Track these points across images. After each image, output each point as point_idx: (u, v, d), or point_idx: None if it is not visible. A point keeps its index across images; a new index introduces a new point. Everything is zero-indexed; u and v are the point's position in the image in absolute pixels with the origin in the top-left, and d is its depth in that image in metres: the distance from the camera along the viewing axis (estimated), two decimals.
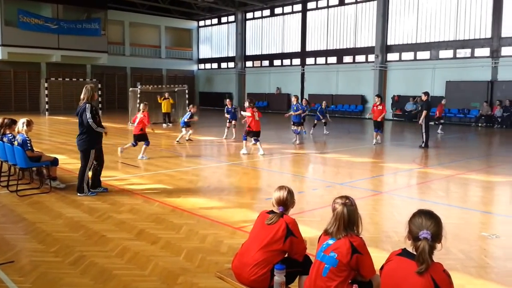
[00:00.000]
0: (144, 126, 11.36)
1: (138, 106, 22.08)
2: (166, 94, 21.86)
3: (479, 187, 8.79)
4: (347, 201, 3.16)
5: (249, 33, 37.81)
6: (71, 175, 9.07)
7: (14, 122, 8.16)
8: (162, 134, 18.20)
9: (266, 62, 36.58)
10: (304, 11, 33.06)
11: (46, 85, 28.11)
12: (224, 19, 39.91)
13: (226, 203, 7.15)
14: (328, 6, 31.46)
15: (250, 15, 37.48)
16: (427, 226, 2.59)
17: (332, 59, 31.59)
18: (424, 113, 14.08)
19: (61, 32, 30.79)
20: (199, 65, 42.90)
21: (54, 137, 16.89)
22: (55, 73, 31.46)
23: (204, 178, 9.45)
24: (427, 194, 8.19)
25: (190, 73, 42.27)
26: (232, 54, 39.12)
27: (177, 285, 4.14)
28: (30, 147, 7.54)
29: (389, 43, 28.16)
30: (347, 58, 30.74)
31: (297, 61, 33.89)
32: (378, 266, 2.90)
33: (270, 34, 36.05)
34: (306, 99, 19.24)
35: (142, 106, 11.71)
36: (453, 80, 24.50)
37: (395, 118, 27.13)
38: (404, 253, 2.68)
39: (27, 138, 7.58)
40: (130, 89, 24.66)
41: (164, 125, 21.06)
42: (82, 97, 7.28)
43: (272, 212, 3.56)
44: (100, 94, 28.06)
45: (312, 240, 4.34)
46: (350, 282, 2.99)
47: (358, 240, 3.07)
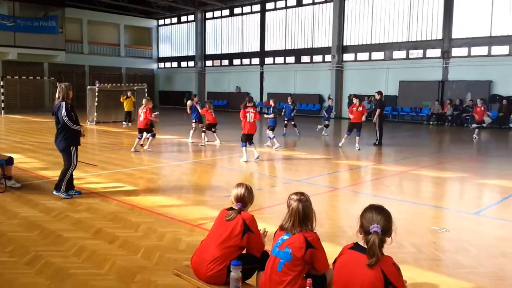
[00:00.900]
0: (147, 120, 12.32)
1: (94, 103, 21.62)
2: (129, 93, 21.38)
3: (430, 183, 9.09)
4: (302, 197, 3.18)
5: (209, 32, 37.60)
6: (27, 175, 8.73)
7: None
8: (122, 132, 17.80)
9: (226, 62, 36.49)
10: (262, 12, 33.20)
11: (2, 83, 26.90)
12: (184, 18, 39.48)
13: (185, 201, 7.07)
14: (286, 7, 31.74)
15: (209, 15, 37.26)
16: (377, 221, 2.64)
17: (290, 59, 31.91)
18: (377, 111, 14.44)
19: (17, 29, 29.74)
20: (159, 64, 42.26)
21: (10, 136, 16.18)
22: (12, 71, 30.22)
23: (163, 176, 9.30)
24: (381, 190, 8.39)
25: (150, 71, 41.57)
26: (192, 53, 38.77)
27: (134, 283, 4.06)
28: None
29: (345, 44, 28.72)
30: (305, 58, 31.15)
31: (256, 60, 34.01)
32: (332, 260, 2.93)
33: (230, 33, 35.98)
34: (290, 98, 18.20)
35: (144, 101, 12.59)
36: (406, 80, 25.29)
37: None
38: (355, 246, 2.72)
39: None
40: (88, 87, 24.02)
41: (124, 123, 20.59)
42: (57, 96, 7.01)
43: (231, 209, 3.55)
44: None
45: (270, 236, 4.35)
46: (304, 276, 3.00)
47: (312, 235, 3.09)
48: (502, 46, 22.41)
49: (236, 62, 35.63)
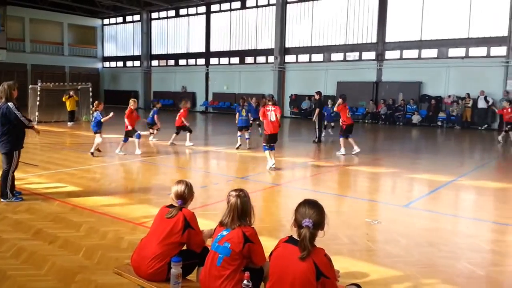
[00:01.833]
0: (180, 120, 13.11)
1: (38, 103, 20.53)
2: (71, 92, 20.48)
3: (365, 178, 9.43)
4: (241, 193, 3.19)
5: (154, 32, 36.83)
6: None
7: None
8: (65, 132, 17.02)
9: (172, 62, 35.90)
10: (208, 13, 33.00)
11: None
12: (129, 18, 38.40)
13: (128, 200, 6.88)
14: (230, 9, 31.72)
15: (155, 15, 36.50)
16: (310, 215, 2.70)
17: (235, 60, 31.95)
18: (317, 111, 14.82)
19: None
20: (104, 63, 40.86)
21: None
22: None
23: (106, 175, 8.99)
24: (320, 185, 8.61)
25: (95, 71, 40.10)
26: (138, 53, 37.79)
27: (74, 283, 3.92)
28: None
29: (287, 46, 29.16)
30: (249, 59, 31.31)
31: (201, 61, 33.75)
32: (269, 253, 2.96)
33: (176, 34, 35.45)
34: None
35: (182, 103, 13.50)
36: (343, 80, 26.07)
37: (293, 116, 28.30)
38: (290, 240, 2.77)
39: None
40: (30, 86, 22.78)
41: (68, 123, 19.71)
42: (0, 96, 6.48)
43: (172, 206, 3.50)
44: None
45: None
46: (242, 269, 3.02)
47: (250, 230, 3.11)
48: (431, 49, 23.65)
49: (182, 62, 35.15)
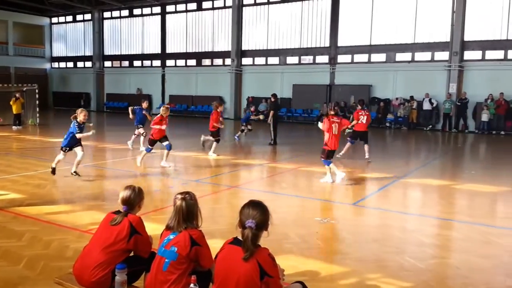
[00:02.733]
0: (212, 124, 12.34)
1: None
2: (17, 94, 19.53)
3: (317, 178, 9.61)
4: (187, 195, 3.18)
5: (107, 32, 35.84)
6: None
7: None
8: (9, 136, 16.22)
9: (126, 63, 35.08)
10: (163, 14, 32.53)
11: None
12: (79, 17, 37.18)
13: (75, 207, 6.65)
14: (186, 11, 31.46)
15: (107, 14, 35.53)
16: (253, 216, 2.74)
17: (191, 62, 31.70)
18: (271, 113, 14.98)
19: None
20: (53, 63, 39.31)
21: None
22: None
23: (52, 182, 8.64)
24: (273, 186, 8.71)
25: (42, 71, 38.46)
26: (89, 53, 36.64)
27: None
28: None
29: (243, 48, 29.27)
30: (206, 61, 31.18)
31: (157, 62, 33.22)
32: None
33: (130, 34, 34.68)
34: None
35: (214, 105, 12.73)
36: (298, 83, 26.50)
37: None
38: (235, 241, 2.80)
39: None
40: None
41: (14, 127, 18.78)
42: None
43: (118, 212, 3.43)
44: None
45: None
46: (189, 273, 3.01)
47: (197, 232, 3.11)
48: (380, 54, 24.53)
49: (136, 63, 34.44)
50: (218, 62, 30.51)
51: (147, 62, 33.87)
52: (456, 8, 22.01)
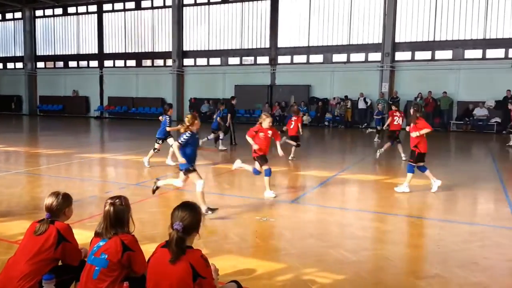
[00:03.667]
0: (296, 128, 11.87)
1: None
2: None
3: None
4: (117, 200, 3.10)
5: (39, 32, 34.05)
6: None
7: None
8: None
9: (60, 63, 33.52)
10: (100, 13, 31.42)
11: None
12: (9, 15, 35.04)
13: (3, 216, 6.26)
14: (124, 10, 30.60)
15: (40, 13, 33.75)
16: (181, 218, 2.71)
17: (131, 62, 30.89)
18: (229, 116, 15.13)
19: None
20: None
21: None
22: None
23: None
24: (216, 187, 8.68)
25: None
26: (20, 53, 34.61)
27: None
28: None
29: (185, 49, 28.96)
30: (147, 62, 30.51)
31: (94, 63, 32.05)
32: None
33: (64, 34, 33.17)
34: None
35: (295, 109, 12.24)
36: (240, 84, 26.63)
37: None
38: (166, 244, 2.76)
39: None
40: None
41: None
42: None
43: (42, 220, 3.27)
44: None
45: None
46: (122, 280, 2.93)
47: (129, 237, 3.04)
48: (317, 55, 25.23)
49: (72, 64, 33.01)
50: (159, 62, 29.97)
51: (84, 63, 32.59)
52: (387, 11, 23.10)
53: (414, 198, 7.81)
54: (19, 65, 34.73)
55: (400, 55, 23.55)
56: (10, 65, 35.56)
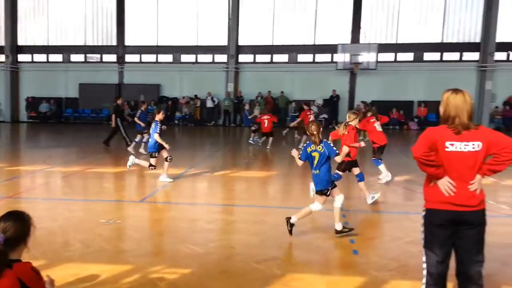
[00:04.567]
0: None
1: None
2: None
3: (108, 178, 9.13)
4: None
5: None
6: None
7: None
8: None
9: None
10: None
11: None
12: None
13: None
14: None
15: None
16: (3, 229, 2.37)
17: None
18: (113, 116, 13.82)
19: None
20: None
21: None
22: None
23: None
24: (56, 192, 7.87)
25: None
26: None
27: None
28: None
29: (19, 44, 25.68)
30: None
31: None
32: None
33: None
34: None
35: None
36: (85, 82, 24.71)
37: (30, 120, 25.22)
38: None
39: None
40: None
41: None
42: None
43: None
44: None
45: None
46: None
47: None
48: (167, 54, 24.89)
49: None
50: None
51: None
52: (231, 15, 23.96)
53: (255, 190, 8.25)
54: None
55: (243, 57, 24.68)
56: None
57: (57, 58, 25.66)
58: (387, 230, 5.75)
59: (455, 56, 23.10)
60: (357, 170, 6.89)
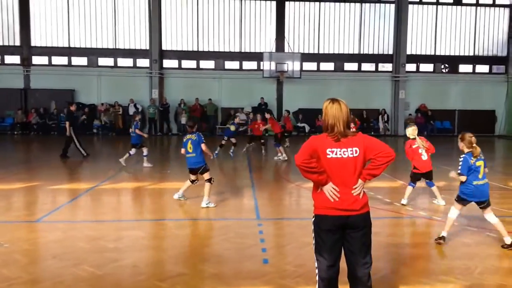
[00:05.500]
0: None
1: None
2: None
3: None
4: None
5: None
6: None
7: None
8: None
9: None
10: None
11: None
12: None
13: None
14: None
15: None
16: None
17: None
18: (67, 123, 13.43)
19: None
20: None
21: None
22: None
23: None
24: None
25: None
26: None
27: None
28: None
29: None
30: None
31: None
32: None
33: None
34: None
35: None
36: None
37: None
38: None
39: None
40: None
41: None
42: None
43: None
44: None
45: None
46: None
47: None
48: (81, 57, 23.77)
49: None
50: None
51: None
52: (152, 17, 23.50)
53: (169, 201, 7.96)
54: None
55: (168, 63, 24.26)
56: None
57: None
58: (298, 236, 5.84)
59: (372, 66, 25.15)
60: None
